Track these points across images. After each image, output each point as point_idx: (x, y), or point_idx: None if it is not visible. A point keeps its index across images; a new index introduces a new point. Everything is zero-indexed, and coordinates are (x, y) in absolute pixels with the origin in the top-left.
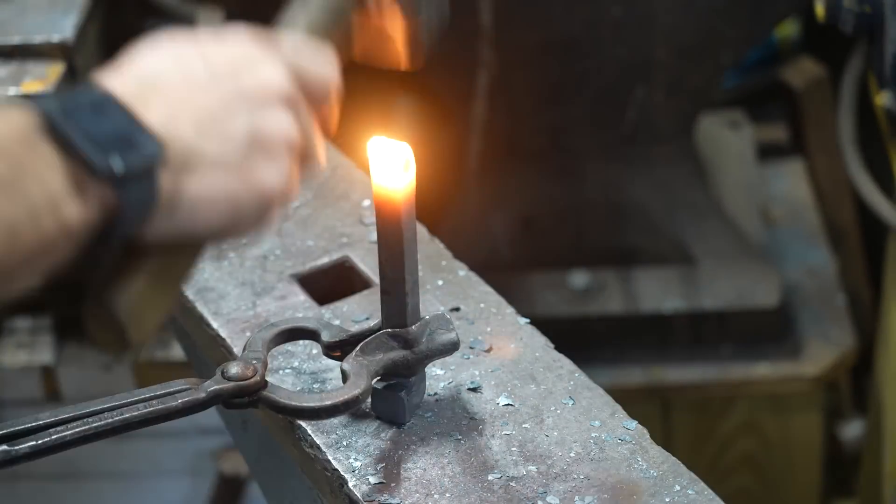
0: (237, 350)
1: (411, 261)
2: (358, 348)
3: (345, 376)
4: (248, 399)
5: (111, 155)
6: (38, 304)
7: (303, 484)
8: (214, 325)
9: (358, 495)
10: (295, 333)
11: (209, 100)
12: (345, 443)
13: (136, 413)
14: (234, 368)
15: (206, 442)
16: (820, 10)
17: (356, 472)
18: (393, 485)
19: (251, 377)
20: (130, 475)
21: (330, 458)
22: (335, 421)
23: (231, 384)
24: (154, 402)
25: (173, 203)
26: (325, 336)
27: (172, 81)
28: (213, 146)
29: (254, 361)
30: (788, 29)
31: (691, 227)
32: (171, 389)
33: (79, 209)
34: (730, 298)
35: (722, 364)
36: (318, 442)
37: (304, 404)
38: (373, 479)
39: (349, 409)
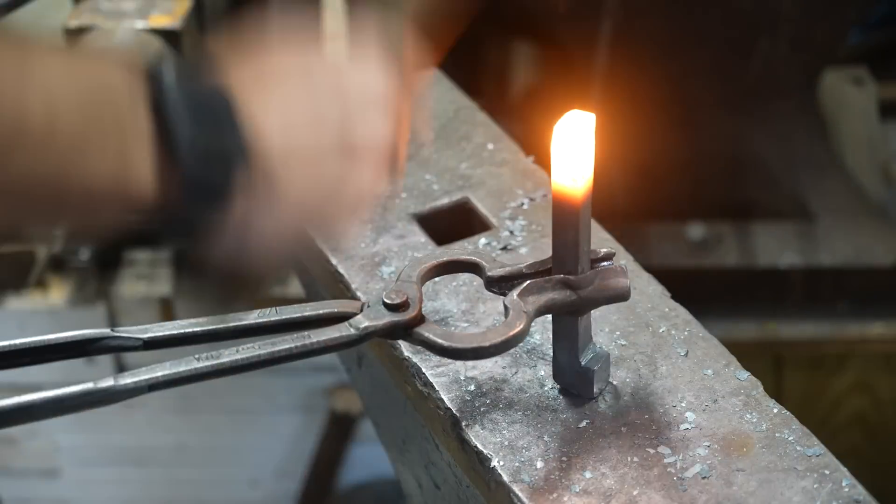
0: (355, 286)
1: (585, 215)
2: (523, 286)
3: (506, 311)
4: (403, 332)
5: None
6: (156, 237)
7: (415, 422)
8: (334, 261)
9: (476, 443)
10: (454, 266)
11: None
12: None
13: (284, 347)
14: (389, 300)
15: (319, 379)
16: None
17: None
18: (505, 433)
19: (407, 311)
20: (244, 410)
21: (443, 396)
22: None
23: (385, 321)
24: (307, 335)
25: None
26: (490, 270)
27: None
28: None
29: (408, 294)
30: None
31: (810, 182)
32: (322, 312)
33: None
34: (847, 256)
35: (836, 321)
36: (431, 380)
37: (462, 345)
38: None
39: (508, 348)
